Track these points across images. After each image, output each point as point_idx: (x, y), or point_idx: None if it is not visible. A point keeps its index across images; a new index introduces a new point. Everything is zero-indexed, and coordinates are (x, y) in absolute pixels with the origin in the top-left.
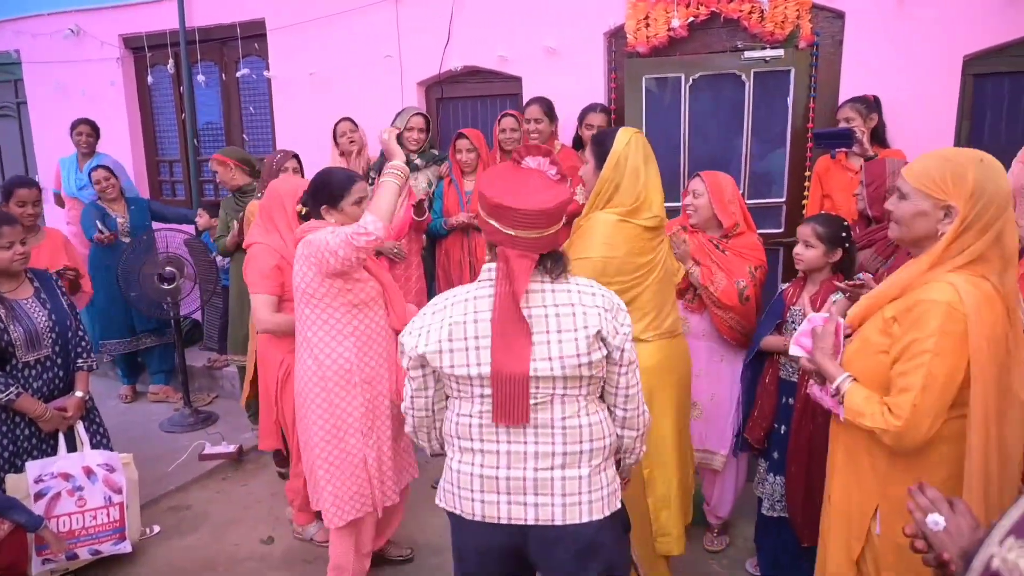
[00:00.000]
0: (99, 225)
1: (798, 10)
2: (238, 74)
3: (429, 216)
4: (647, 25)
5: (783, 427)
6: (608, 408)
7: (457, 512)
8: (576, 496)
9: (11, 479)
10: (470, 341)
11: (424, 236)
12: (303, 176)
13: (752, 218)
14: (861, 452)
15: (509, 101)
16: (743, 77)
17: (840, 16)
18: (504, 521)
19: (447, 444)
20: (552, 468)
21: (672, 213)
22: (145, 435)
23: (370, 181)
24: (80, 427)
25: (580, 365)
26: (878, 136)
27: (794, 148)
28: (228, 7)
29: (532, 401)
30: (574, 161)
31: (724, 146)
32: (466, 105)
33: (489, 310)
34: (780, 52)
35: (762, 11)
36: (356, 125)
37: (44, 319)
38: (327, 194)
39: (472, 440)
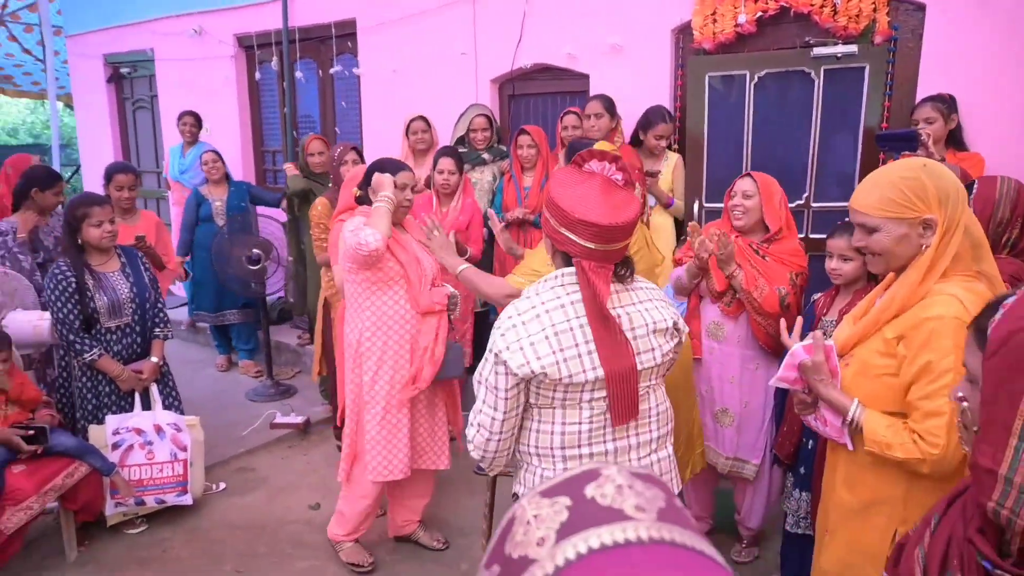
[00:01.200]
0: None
1: (875, 3)
2: (332, 71)
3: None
4: (714, 21)
5: (811, 442)
6: None
7: None
8: (670, 474)
9: (93, 429)
10: (581, 347)
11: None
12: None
13: (796, 223)
14: (869, 482)
15: (577, 98)
16: (812, 75)
17: (921, 8)
18: None
19: (540, 458)
20: (651, 453)
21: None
22: (232, 402)
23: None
24: (154, 389)
25: (665, 353)
26: (955, 138)
27: (866, 150)
28: (325, 7)
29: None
30: (634, 160)
31: (789, 147)
32: (536, 101)
33: (584, 314)
34: (853, 48)
35: (835, 5)
36: (428, 124)
37: (126, 291)
38: (364, 179)
39: (580, 447)
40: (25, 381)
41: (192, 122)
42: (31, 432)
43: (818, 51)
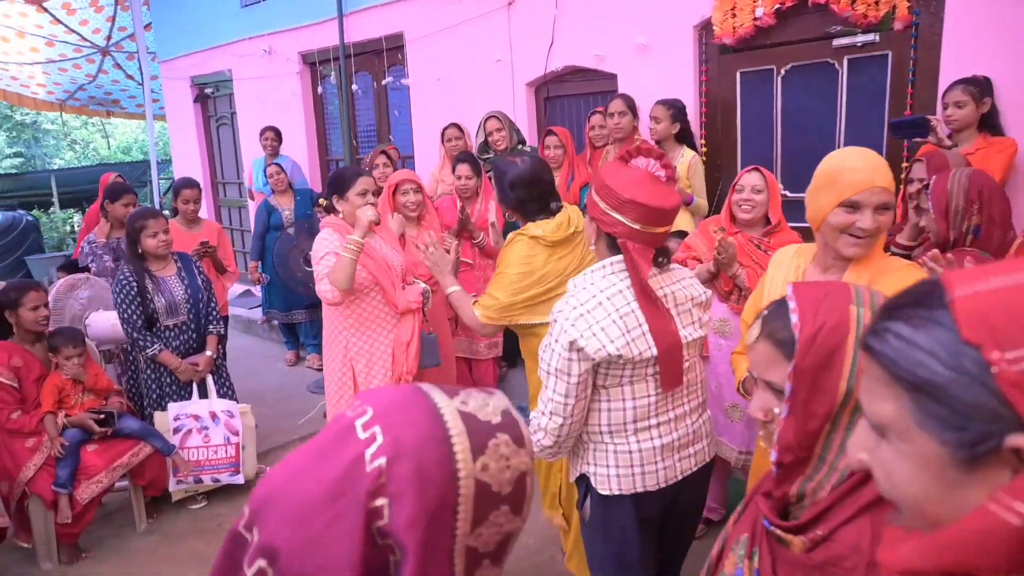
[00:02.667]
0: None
1: None
2: (383, 82)
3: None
4: (733, 15)
5: None
6: None
7: (641, 490)
8: (712, 434)
9: (157, 415)
10: (643, 327)
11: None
12: (395, 169)
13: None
14: None
15: (606, 98)
16: (836, 65)
17: None
18: (678, 477)
19: (612, 435)
20: (699, 416)
21: None
22: (294, 394)
23: (486, 166)
24: (209, 379)
25: (705, 323)
26: (989, 123)
27: (892, 138)
28: (376, 23)
29: (685, 365)
30: None
31: (818, 138)
32: (570, 103)
33: (635, 298)
34: (874, 36)
35: None
36: (462, 131)
37: (181, 293)
38: (336, 186)
39: (649, 418)
40: (99, 372)
41: (272, 136)
42: (102, 416)
43: (839, 41)
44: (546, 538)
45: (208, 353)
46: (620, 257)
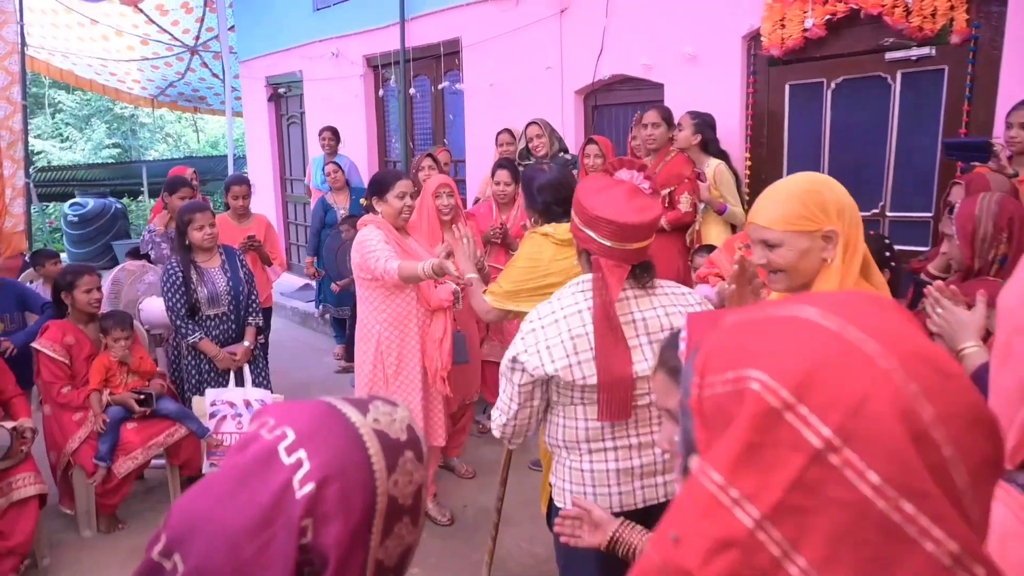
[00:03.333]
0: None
1: (950, 1)
2: (440, 86)
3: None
4: (782, 26)
5: None
6: None
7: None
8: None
9: (195, 400)
10: (592, 351)
11: None
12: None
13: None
14: None
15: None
16: (889, 79)
17: (1003, 2)
18: (640, 505)
19: (567, 451)
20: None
21: None
22: (337, 386)
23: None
24: (246, 369)
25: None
26: None
27: (944, 159)
28: (435, 28)
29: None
30: (684, 169)
31: (866, 154)
32: (618, 111)
33: (591, 321)
34: (929, 50)
35: (907, 5)
36: (513, 137)
37: (224, 284)
38: (377, 188)
39: (604, 440)
40: (144, 355)
41: (329, 136)
42: (142, 397)
43: (892, 54)
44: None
45: (246, 343)
46: (591, 276)
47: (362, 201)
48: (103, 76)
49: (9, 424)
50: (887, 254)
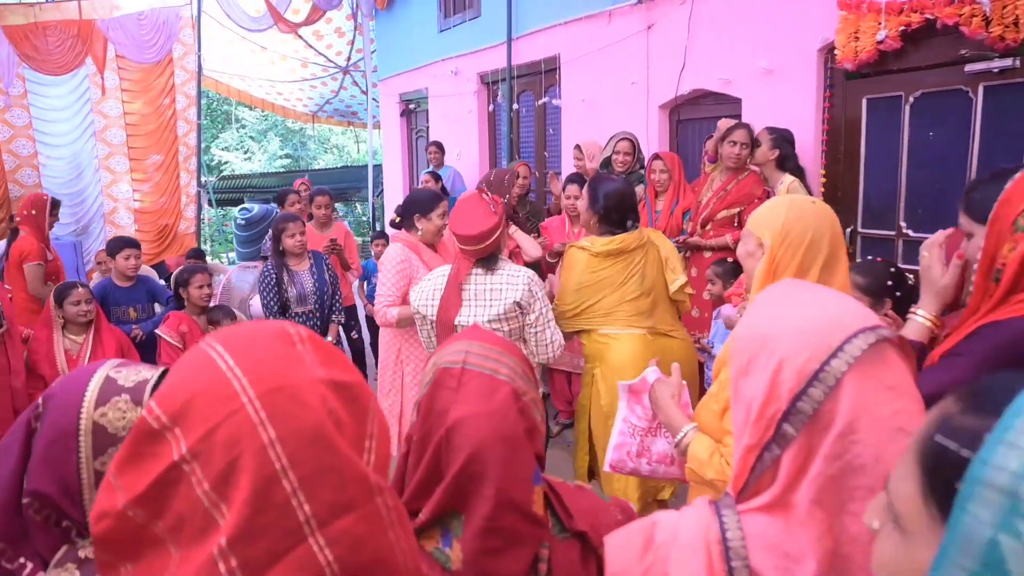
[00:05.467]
0: None
1: None
2: (539, 102)
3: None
4: (856, 39)
5: None
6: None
7: None
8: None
9: None
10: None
11: None
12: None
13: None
14: None
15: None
16: (970, 93)
17: None
18: None
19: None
20: None
21: (882, 242)
22: None
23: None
24: None
25: (491, 320)
26: None
27: None
28: (538, 46)
29: None
30: (752, 188)
31: (945, 172)
32: (701, 125)
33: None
34: (1013, 61)
35: (985, 14)
36: (582, 152)
37: (311, 285)
38: (423, 206)
39: None
40: None
41: (435, 150)
42: None
43: (972, 66)
44: None
45: (329, 338)
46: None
47: (394, 217)
48: (272, 95)
49: None
50: (889, 283)
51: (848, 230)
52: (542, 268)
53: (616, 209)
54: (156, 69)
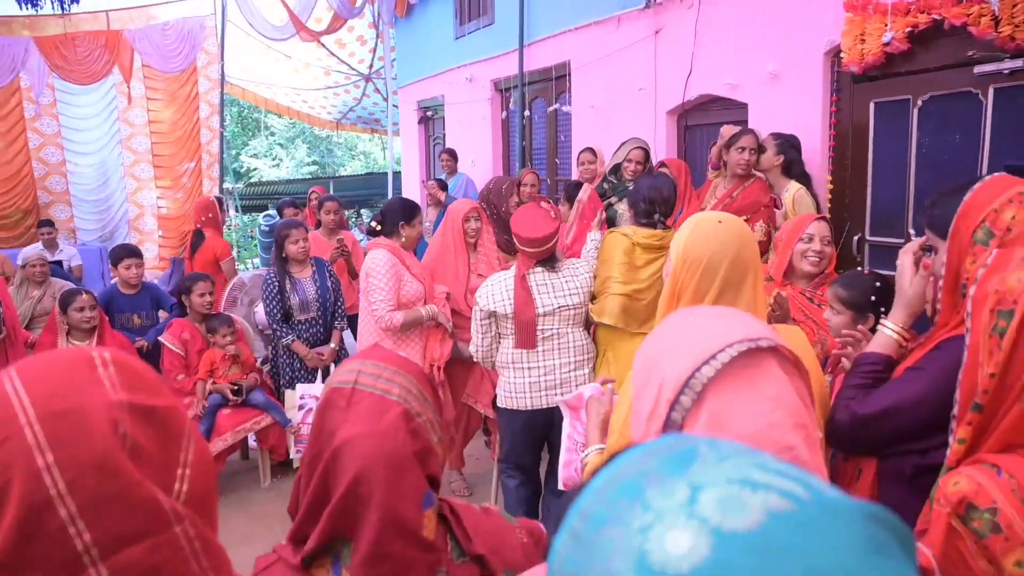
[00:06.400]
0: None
1: None
2: (549, 108)
3: None
4: (862, 40)
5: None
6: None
7: (513, 407)
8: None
9: (288, 393)
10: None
11: None
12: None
13: None
14: None
15: (740, 126)
16: (980, 95)
17: None
18: (544, 406)
19: (503, 368)
20: (573, 371)
21: (890, 250)
22: None
23: (603, 195)
24: (332, 367)
25: (562, 306)
26: None
27: None
28: (549, 53)
29: (545, 332)
30: (759, 196)
31: (956, 176)
32: (709, 131)
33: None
34: (1022, 62)
35: (994, 13)
36: (595, 156)
37: (313, 292)
38: (406, 214)
39: (522, 363)
40: (247, 351)
41: (447, 157)
42: (236, 388)
43: (981, 68)
44: None
45: (332, 345)
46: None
47: (373, 224)
48: (297, 103)
49: None
50: (874, 298)
51: (856, 238)
52: None
53: (648, 201)
54: (181, 78)
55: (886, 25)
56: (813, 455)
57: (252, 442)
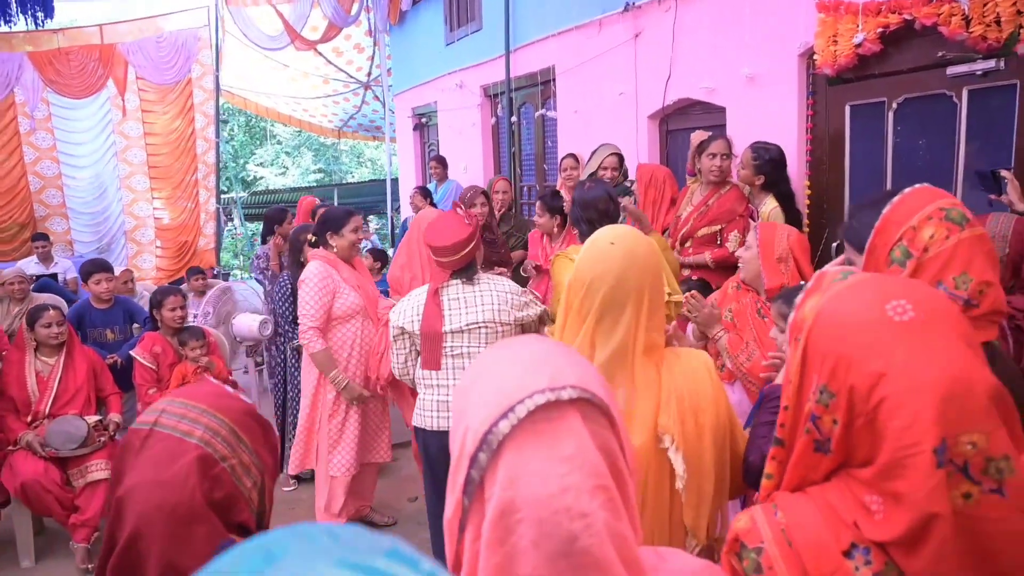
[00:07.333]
0: None
1: (1017, 6)
2: (536, 114)
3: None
4: (835, 42)
5: None
6: None
7: (421, 426)
8: None
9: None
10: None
11: None
12: (491, 211)
13: None
14: None
15: (719, 130)
16: (954, 97)
17: None
18: (444, 428)
19: (416, 383)
20: None
21: None
22: None
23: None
24: None
25: (470, 325)
26: None
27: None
28: (535, 58)
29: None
30: (734, 205)
31: (932, 180)
32: (689, 136)
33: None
34: (996, 63)
35: (964, 13)
36: (578, 162)
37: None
38: (333, 224)
39: (431, 379)
40: (220, 362)
41: (435, 165)
42: None
43: (954, 69)
44: None
45: None
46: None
47: (309, 237)
48: (298, 112)
49: (93, 419)
50: None
51: (835, 244)
52: None
53: (584, 218)
54: (175, 89)
55: (857, 26)
56: (615, 518)
57: None
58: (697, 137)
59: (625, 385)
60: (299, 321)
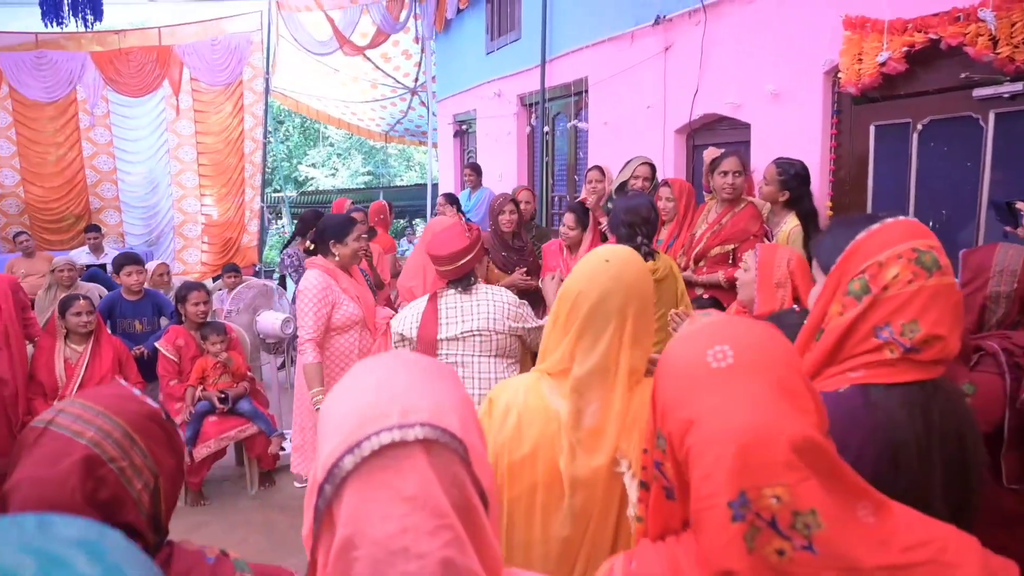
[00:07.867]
0: None
1: None
2: (568, 124)
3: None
4: (860, 60)
5: None
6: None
7: None
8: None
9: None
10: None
11: None
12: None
13: None
14: None
15: (744, 146)
16: (980, 120)
17: None
18: None
19: None
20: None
21: None
22: None
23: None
24: None
25: (464, 334)
26: None
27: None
28: (570, 68)
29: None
30: (748, 224)
31: (956, 203)
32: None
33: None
34: (1022, 86)
35: (991, 33)
36: (603, 174)
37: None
38: (337, 232)
39: None
40: (240, 359)
41: (469, 172)
42: (223, 396)
43: (980, 91)
44: None
45: None
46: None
47: (307, 244)
48: (347, 115)
49: None
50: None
51: None
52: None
53: (625, 223)
54: (227, 91)
55: (883, 44)
56: (461, 555)
57: None
58: (710, 155)
59: (600, 402)
60: (299, 332)
